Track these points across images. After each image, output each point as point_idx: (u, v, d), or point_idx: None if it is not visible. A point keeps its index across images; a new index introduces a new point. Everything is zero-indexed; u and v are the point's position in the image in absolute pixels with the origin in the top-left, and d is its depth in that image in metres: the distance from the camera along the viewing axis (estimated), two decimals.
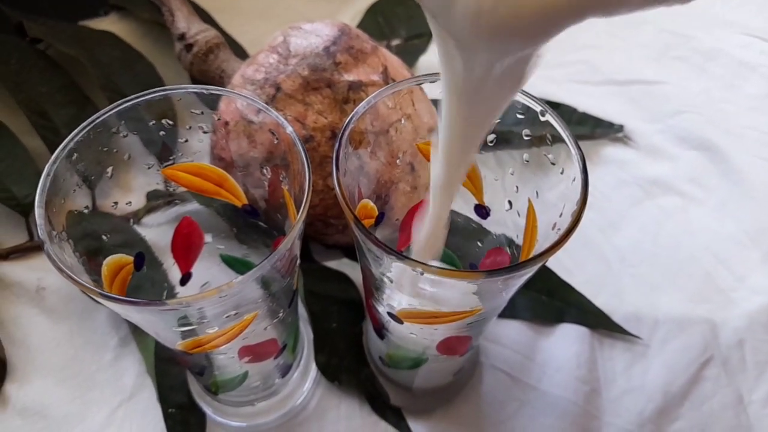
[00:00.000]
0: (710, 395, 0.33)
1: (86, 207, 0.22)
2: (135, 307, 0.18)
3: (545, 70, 0.48)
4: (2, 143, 0.38)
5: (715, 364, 0.34)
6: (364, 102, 0.22)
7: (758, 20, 0.52)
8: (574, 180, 0.21)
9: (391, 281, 0.22)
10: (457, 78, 0.17)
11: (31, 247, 0.36)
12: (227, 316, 0.21)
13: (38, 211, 0.19)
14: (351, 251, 0.37)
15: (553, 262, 0.37)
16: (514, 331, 0.35)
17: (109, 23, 0.46)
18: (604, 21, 0.53)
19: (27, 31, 0.43)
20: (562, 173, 0.22)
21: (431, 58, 0.47)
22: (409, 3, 0.49)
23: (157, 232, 0.29)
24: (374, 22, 0.48)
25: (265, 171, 0.26)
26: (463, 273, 0.19)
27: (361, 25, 0.48)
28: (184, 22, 0.37)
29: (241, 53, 0.44)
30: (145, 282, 0.26)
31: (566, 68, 0.48)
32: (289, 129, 0.22)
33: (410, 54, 0.46)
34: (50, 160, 0.20)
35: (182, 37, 0.37)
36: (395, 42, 0.48)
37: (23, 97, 0.39)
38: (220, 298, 0.18)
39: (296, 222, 0.20)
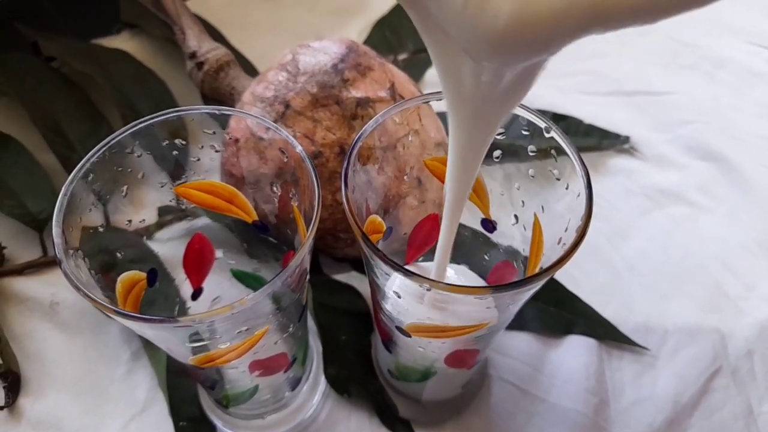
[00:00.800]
0: (720, 406, 0.33)
1: (102, 225, 0.22)
2: (148, 324, 0.19)
3: (552, 80, 0.49)
4: (17, 160, 0.39)
5: (725, 374, 0.34)
6: (372, 120, 0.23)
7: (764, 28, 0.52)
8: (578, 195, 0.21)
9: (399, 296, 0.22)
10: (464, 85, 0.17)
11: (45, 263, 0.37)
12: (239, 332, 0.21)
13: (56, 230, 0.20)
14: (360, 264, 0.37)
15: (561, 273, 0.37)
16: (522, 342, 0.35)
17: (121, 41, 0.47)
18: None
19: (42, 49, 0.44)
20: (567, 188, 0.22)
21: None
22: None
23: (169, 247, 0.29)
24: (382, 37, 0.49)
25: (275, 188, 0.27)
26: (470, 288, 0.19)
27: (369, 40, 0.49)
28: (195, 41, 0.38)
29: (251, 69, 0.45)
30: (157, 297, 0.27)
31: (573, 78, 0.49)
32: (299, 148, 0.22)
33: (417, 68, 0.47)
34: (67, 181, 0.21)
35: (193, 55, 0.38)
36: (402, 56, 0.48)
37: (38, 114, 0.40)
38: (232, 315, 0.19)
39: (306, 238, 0.20)
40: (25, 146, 0.40)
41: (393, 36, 0.49)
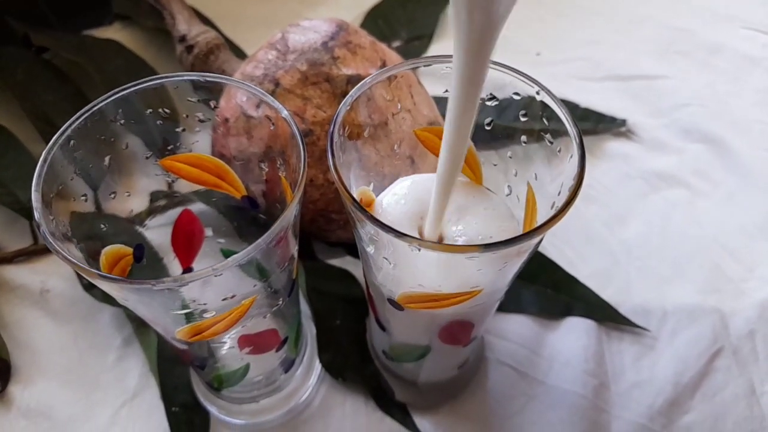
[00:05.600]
0: (722, 386, 0.33)
1: (83, 195, 0.22)
2: (131, 288, 0.18)
3: (547, 67, 0.48)
4: (9, 151, 0.39)
5: (726, 354, 0.34)
6: (357, 86, 0.22)
7: (759, 14, 0.52)
8: (571, 157, 0.21)
9: (390, 263, 0.22)
10: None
11: (36, 251, 0.36)
12: (224, 299, 0.21)
13: (34, 195, 0.19)
14: (353, 249, 0.37)
15: (559, 257, 0.37)
16: (520, 325, 0.35)
17: (113, 32, 0.47)
18: (605, 17, 0.54)
19: (33, 41, 0.43)
20: (559, 152, 0.22)
21: None
22: (409, 5, 0.50)
23: (159, 232, 0.29)
24: (374, 25, 0.49)
25: (263, 165, 0.26)
26: (460, 247, 0.18)
27: (362, 28, 0.49)
28: (185, 25, 0.38)
29: (242, 56, 0.44)
30: (145, 277, 0.26)
31: (568, 64, 0.49)
32: (285, 113, 0.22)
33: (410, 55, 0.46)
34: (47, 147, 0.20)
35: (183, 38, 0.37)
36: (395, 44, 0.48)
37: (30, 106, 0.40)
38: (214, 277, 0.18)
39: (293, 197, 0.20)
40: (17, 137, 0.39)
41: (386, 25, 0.49)
